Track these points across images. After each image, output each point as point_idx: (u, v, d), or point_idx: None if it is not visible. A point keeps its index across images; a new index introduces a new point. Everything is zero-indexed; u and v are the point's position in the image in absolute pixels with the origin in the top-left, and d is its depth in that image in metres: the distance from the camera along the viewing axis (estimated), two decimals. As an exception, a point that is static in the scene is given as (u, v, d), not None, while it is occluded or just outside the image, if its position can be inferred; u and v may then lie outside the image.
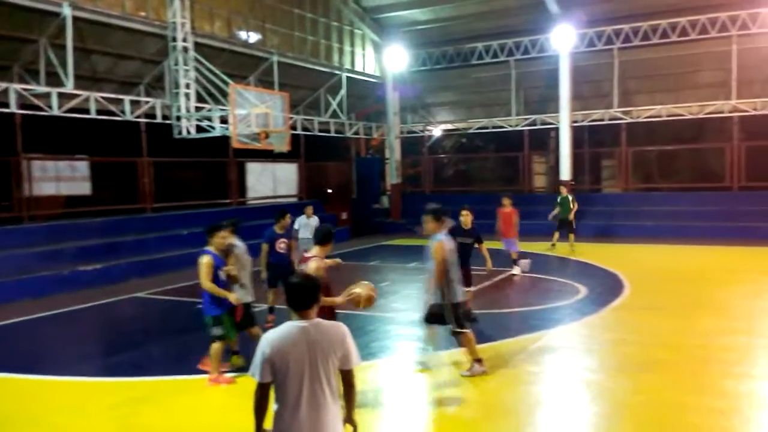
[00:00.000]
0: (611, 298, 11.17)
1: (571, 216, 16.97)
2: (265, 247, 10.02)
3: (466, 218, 9.75)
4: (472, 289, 9.55)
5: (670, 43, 20.40)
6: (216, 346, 7.15)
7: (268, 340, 3.51)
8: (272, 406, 3.54)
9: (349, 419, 3.73)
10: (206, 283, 6.99)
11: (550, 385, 7.08)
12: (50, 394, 7.32)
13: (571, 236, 17.19)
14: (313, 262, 5.69)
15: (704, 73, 21.29)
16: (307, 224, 13.64)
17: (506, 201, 14.47)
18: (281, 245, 10.09)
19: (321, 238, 5.96)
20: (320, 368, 3.48)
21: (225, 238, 7.32)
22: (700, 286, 12.41)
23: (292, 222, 11.32)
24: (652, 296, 11.66)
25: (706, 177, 22.13)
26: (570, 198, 17.05)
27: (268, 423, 3.58)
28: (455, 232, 9.07)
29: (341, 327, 3.62)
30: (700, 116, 21.10)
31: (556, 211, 17.10)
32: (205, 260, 7.01)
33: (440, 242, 7.08)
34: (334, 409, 3.54)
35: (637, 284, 12.45)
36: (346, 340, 3.58)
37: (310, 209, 13.74)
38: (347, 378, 3.64)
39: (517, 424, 6.08)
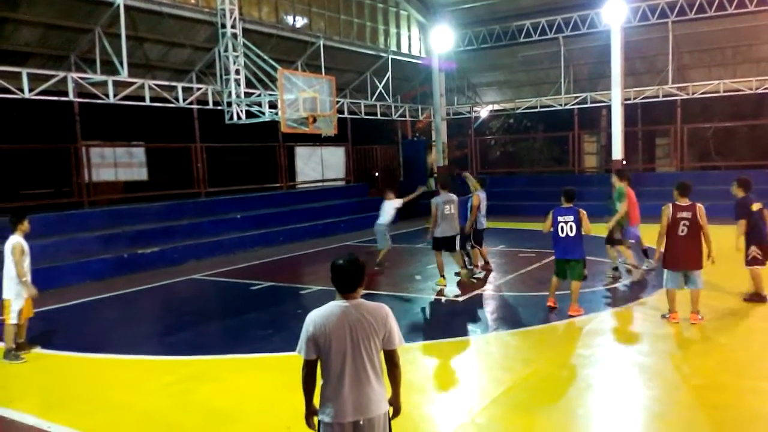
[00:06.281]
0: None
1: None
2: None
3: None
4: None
5: (727, 15, 19.58)
6: (579, 284, 8.93)
7: (312, 318, 3.59)
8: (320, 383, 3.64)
9: (394, 401, 3.78)
10: (590, 226, 8.69)
11: (601, 368, 6.99)
12: (110, 371, 7.63)
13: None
14: None
15: (764, 46, 20.40)
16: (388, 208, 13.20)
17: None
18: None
19: None
20: (362, 347, 3.54)
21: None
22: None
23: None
24: (711, 278, 11.31)
25: (766, 154, 21.28)
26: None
27: (318, 400, 3.67)
28: None
29: (383, 308, 3.66)
30: (760, 91, 20.26)
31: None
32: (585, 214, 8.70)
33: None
34: (378, 388, 3.60)
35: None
36: (388, 320, 3.63)
37: (390, 193, 13.50)
38: (391, 358, 3.68)
39: (568, 407, 6.05)
